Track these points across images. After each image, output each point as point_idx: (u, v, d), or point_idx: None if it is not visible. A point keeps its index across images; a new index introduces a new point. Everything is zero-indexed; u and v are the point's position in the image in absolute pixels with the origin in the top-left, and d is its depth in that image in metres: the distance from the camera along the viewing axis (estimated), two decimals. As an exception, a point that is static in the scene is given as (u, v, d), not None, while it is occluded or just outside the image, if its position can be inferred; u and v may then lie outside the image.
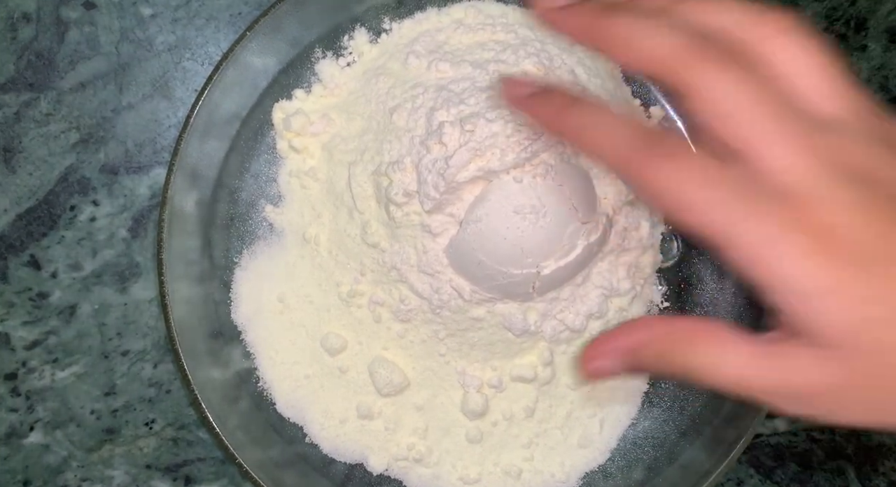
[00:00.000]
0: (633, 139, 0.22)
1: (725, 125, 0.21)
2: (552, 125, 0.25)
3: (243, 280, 0.36)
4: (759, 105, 0.21)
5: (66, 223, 0.39)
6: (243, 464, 0.33)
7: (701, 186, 0.21)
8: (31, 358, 0.39)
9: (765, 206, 0.20)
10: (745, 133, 0.21)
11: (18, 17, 0.39)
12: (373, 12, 0.37)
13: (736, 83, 0.21)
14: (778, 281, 0.20)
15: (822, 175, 0.20)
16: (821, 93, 0.21)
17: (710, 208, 0.20)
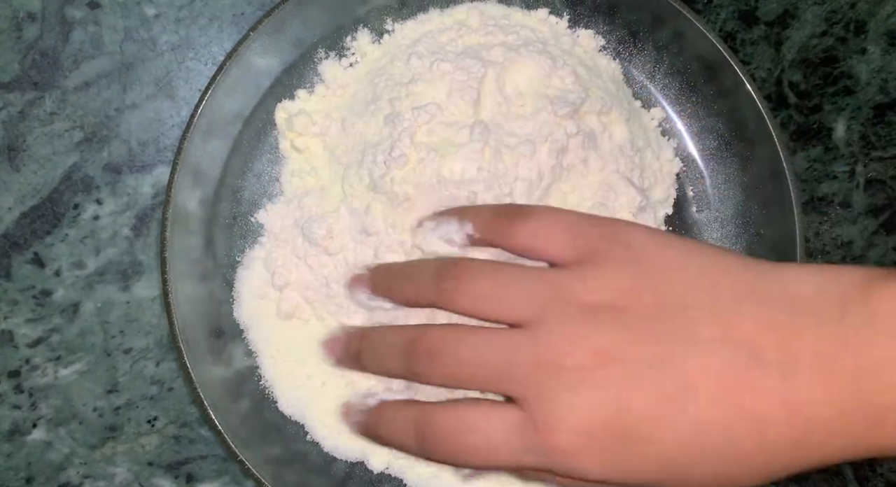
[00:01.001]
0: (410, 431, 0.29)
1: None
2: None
3: (245, 278, 0.36)
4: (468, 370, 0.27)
5: (70, 221, 0.39)
6: (245, 462, 0.33)
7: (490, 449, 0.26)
8: (34, 356, 0.39)
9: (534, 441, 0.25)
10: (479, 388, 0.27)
11: (23, 17, 0.39)
12: (375, 13, 0.37)
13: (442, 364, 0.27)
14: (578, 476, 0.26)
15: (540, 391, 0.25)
16: (509, 309, 0.26)
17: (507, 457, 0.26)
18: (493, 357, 0.26)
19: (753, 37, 0.42)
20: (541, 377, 0.25)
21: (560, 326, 0.25)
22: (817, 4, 0.42)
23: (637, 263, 0.26)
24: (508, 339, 0.26)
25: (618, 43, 0.38)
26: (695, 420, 0.24)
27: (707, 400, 0.24)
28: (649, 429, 0.24)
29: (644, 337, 0.24)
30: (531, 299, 0.26)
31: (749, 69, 0.41)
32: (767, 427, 0.23)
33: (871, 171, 0.42)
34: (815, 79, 0.42)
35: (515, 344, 0.26)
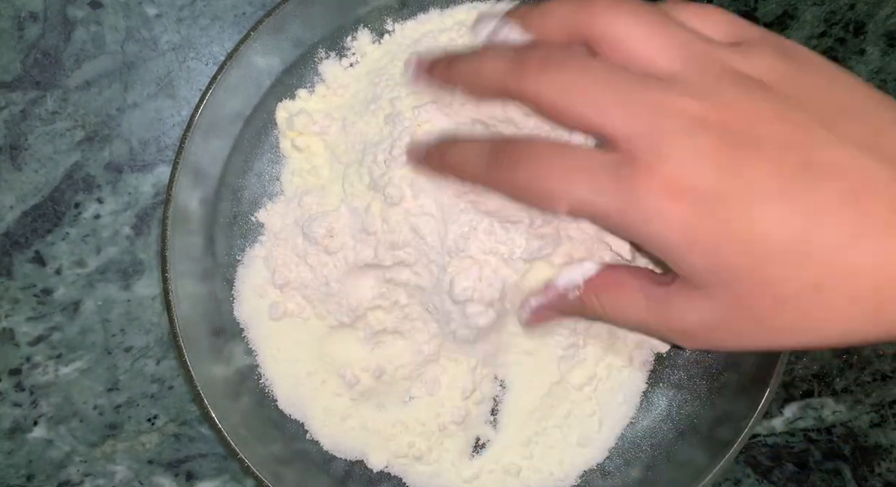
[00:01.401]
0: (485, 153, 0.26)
1: (569, 119, 0.24)
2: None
3: (245, 277, 0.37)
4: (587, 92, 0.23)
5: (71, 220, 0.39)
6: (245, 460, 0.33)
7: (573, 179, 0.23)
8: (35, 354, 0.39)
9: (616, 178, 0.22)
10: (582, 119, 0.23)
11: (25, 16, 0.39)
12: (376, 13, 0.37)
13: (556, 79, 0.24)
14: (647, 239, 0.23)
15: (657, 133, 0.22)
16: (652, 52, 0.23)
17: (587, 196, 0.23)
18: (619, 84, 0.23)
19: (753, 38, 0.42)
20: (661, 116, 0.22)
21: (703, 81, 0.22)
22: (816, 5, 0.42)
23: (797, 58, 0.23)
24: (642, 77, 0.23)
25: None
26: (809, 211, 0.21)
27: (833, 194, 0.21)
28: (754, 201, 0.21)
29: (785, 116, 0.22)
30: (680, 51, 0.23)
31: (748, 70, 0.41)
32: (884, 242, 0.20)
33: (870, 172, 0.42)
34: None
35: (648, 82, 0.23)
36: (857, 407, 0.42)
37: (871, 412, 0.42)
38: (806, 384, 0.42)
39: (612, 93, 0.23)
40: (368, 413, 0.36)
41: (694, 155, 0.22)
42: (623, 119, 0.23)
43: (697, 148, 0.22)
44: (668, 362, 0.38)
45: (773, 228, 0.21)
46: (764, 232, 0.21)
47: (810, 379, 0.42)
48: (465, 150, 0.27)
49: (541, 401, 0.36)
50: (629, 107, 0.23)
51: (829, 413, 0.42)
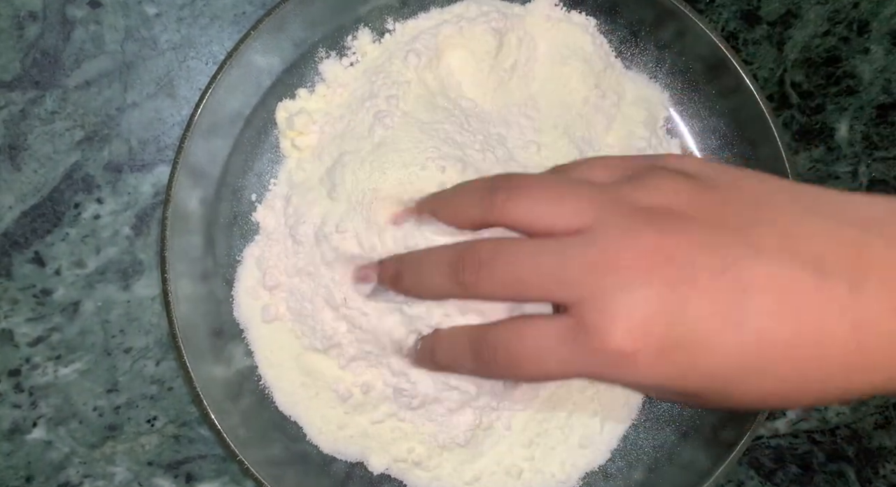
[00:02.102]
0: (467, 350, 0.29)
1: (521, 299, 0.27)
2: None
3: (241, 277, 0.36)
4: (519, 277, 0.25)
5: (71, 220, 0.39)
6: (244, 462, 0.33)
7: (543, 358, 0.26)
8: (34, 355, 0.39)
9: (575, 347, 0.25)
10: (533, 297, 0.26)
11: (25, 16, 0.39)
12: (376, 13, 0.37)
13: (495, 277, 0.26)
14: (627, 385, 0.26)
15: (598, 295, 0.24)
16: (563, 219, 0.26)
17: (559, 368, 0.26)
18: (546, 260, 0.25)
19: (756, 36, 0.42)
20: (595, 277, 0.24)
21: (617, 227, 0.24)
22: (820, 4, 0.42)
23: (697, 176, 0.25)
24: (562, 244, 0.25)
25: (619, 42, 0.38)
26: (755, 331, 0.23)
27: (769, 311, 0.23)
28: (706, 336, 0.23)
29: (704, 242, 0.23)
30: (588, 205, 0.25)
31: (751, 69, 0.41)
32: (830, 345, 0.22)
33: (874, 172, 0.42)
34: (817, 79, 0.42)
35: (569, 247, 0.25)
36: (861, 409, 0.42)
37: (876, 413, 0.42)
38: (809, 385, 0.42)
39: (544, 271, 0.25)
40: (366, 421, 0.36)
41: (639, 306, 0.23)
42: (563, 291, 0.25)
43: (639, 299, 0.23)
44: (671, 363, 0.38)
45: (728, 357, 0.23)
46: (721, 361, 0.23)
47: (814, 381, 0.42)
48: (450, 350, 0.30)
49: (543, 403, 0.36)
50: (562, 279, 0.25)
51: (833, 414, 0.42)
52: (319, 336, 0.34)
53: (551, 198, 0.26)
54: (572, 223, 0.25)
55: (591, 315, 0.24)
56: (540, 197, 0.26)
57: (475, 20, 0.36)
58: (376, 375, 0.35)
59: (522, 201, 0.26)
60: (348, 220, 0.33)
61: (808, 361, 0.23)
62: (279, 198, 0.37)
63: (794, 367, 0.23)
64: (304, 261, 0.34)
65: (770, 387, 0.23)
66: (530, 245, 0.26)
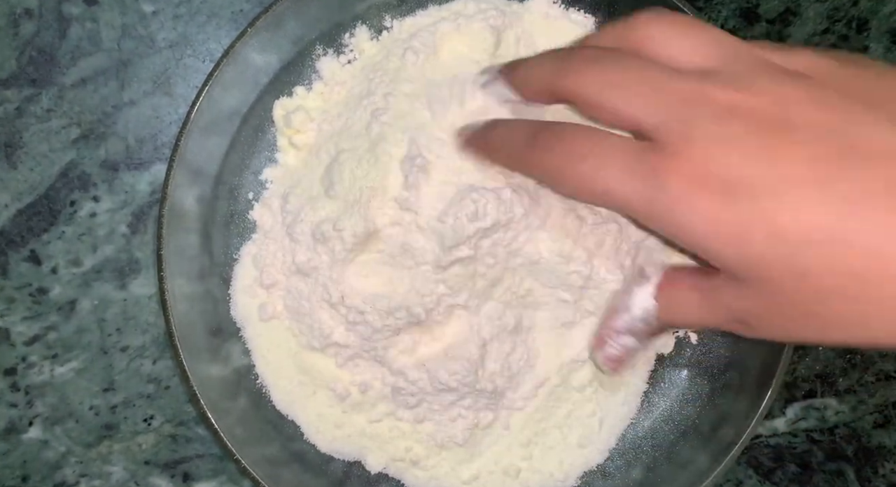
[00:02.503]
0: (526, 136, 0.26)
1: (604, 113, 0.24)
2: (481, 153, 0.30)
3: (238, 276, 0.36)
4: (622, 86, 0.23)
5: (67, 218, 0.39)
6: (241, 461, 0.33)
7: (602, 165, 0.23)
8: (30, 354, 0.39)
9: (644, 165, 0.22)
10: (621, 112, 0.23)
11: (20, 13, 0.39)
12: (374, 10, 0.37)
13: (594, 78, 0.24)
14: (674, 230, 0.22)
15: (686, 120, 0.22)
16: (688, 52, 0.23)
17: (614, 183, 0.23)
18: (655, 76, 0.23)
19: (755, 34, 0.42)
20: (690, 103, 0.22)
21: (738, 70, 0.22)
22: (819, 2, 0.42)
23: (837, 56, 0.23)
24: (674, 70, 0.23)
25: (618, 40, 0.38)
26: (843, 198, 0.20)
27: (870, 180, 0.20)
28: (790, 193, 0.20)
29: (827, 102, 0.21)
30: (713, 46, 0.23)
31: (750, 67, 0.41)
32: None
33: (873, 170, 0.42)
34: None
35: (681, 73, 0.22)
36: (860, 408, 0.42)
37: (875, 412, 0.42)
38: (808, 384, 0.42)
39: (646, 86, 0.23)
40: (363, 420, 0.36)
41: (722, 141, 0.21)
42: (654, 109, 0.22)
43: (726, 134, 0.21)
44: (669, 362, 0.38)
45: (808, 217, 0.20)
46: (798, 221, 0.20)
47: (813, 380, 0.42)
48: (506, 132, 0.27)
49: (541, 402, 0.36)
50: (660, 98, 0.22)
51: (832, 413, 0.42)
52: (317, 334, 0.34)
53: (684, 31, 0.24)
54: (695, 58, 0.23)
55: (672, 138, 0.22)
56: (675, 27, 0.24)
57: (473, 17, 0.36)
58: (374, 374, 0.35)
59: (660, 28, 0.24)
60: (346, 219, 0.33)
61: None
62: (276, 197, 0.36)
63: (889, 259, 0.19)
64: (302, 260, 0.34)
65: (854, 272, 0.20)
66: (642, 61, 0.23)
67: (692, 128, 0.21)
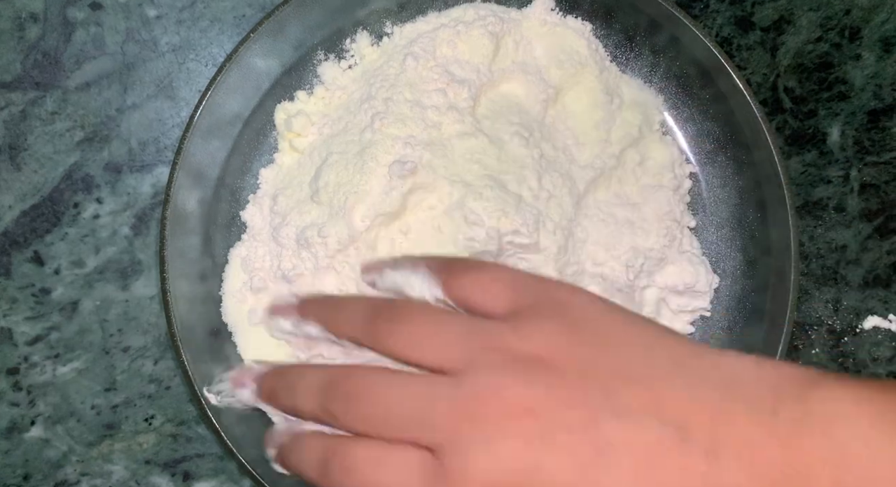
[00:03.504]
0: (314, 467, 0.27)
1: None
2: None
3: (228, 278, 0.36)
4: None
5: (70, 220, 0.39)
6: (242, 460, 0.34)
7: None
8: (32, 354, 0.39)
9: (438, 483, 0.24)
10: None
11: (26, 17, 0.40)
12: (375, 16, 0.38)
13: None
14: None
15: (457, 442, 0.24)
16: (437, 356, 0.25)
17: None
18: (413, 401, 0.25)
19: (749, 42, 0.42)
20: (457, 424, 0.24)
21: (485, 375, 0.24)
22: (812, 10, 0.42)
23: (575, 324, 0.25)
24: (431, 384, 0.25)
25: (615, 47, 0.39)
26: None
27: (627, 473, 0.22)
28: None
29: (569, 398, 0.23)
30: (461, 346, 0.25)
31: (745, 74, 0.42)
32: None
33: (866, 176, 0.42)
34: (810, 84, 0.42)
35: (437, 390, 0.25)
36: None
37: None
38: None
39: (410, 412, 0.25)
40: None
41: (493, 463, 0.23)
42: (428, 434, 0.24)
43: (500, 454, 0.23)
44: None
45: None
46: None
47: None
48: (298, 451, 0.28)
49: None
50: (428, 422, 0.24)
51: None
52: (302, 345, 0.34)
53: (427, 336, 0.26)
54: (445, 363, 0.25)
55: (452, 462, 0.24)
56: (414, 333, 0.26)
57: (472, 24, 0.36)
58: None
59: (399, 336, 0.26)
60: (330, 225, 0.33)
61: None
62: (268, 197, 0.36)
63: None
64: (287, 266, 0.34)
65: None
66: (401, 382, 0.26)
67: (470, 455, 0.23)
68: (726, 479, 0.22)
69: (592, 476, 0.23)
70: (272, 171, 0.37)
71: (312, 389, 0.27)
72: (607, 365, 0.24)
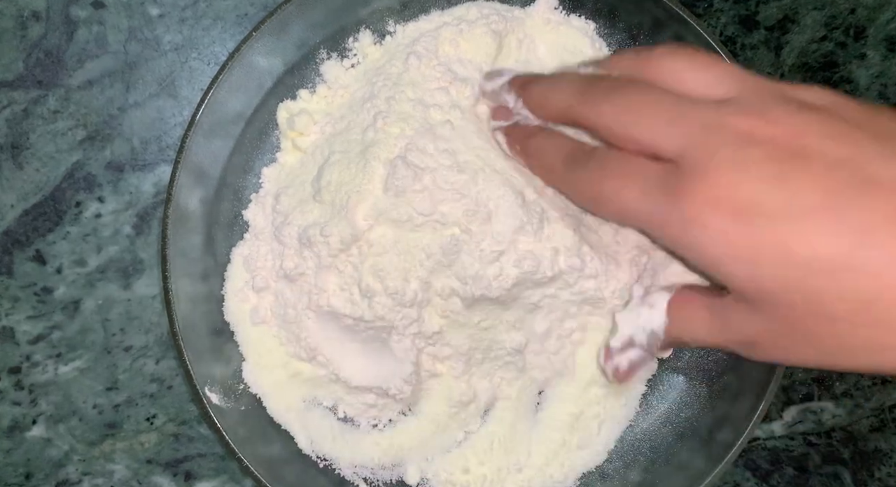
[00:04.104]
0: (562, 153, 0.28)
1: (624, 141, 0.25)
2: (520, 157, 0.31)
3: (230, 277, 0.36)
4: (642, 114, 0.24)
5: (72, 219, 0.39)
6: (243, 460, 0.33)
7: (625, 185, 0.25)
8: (34, 353, 0.39)
9: (663, 186, 0.23)
10: (641, 141, 0.24)
11: (28, 16, 0.40)
12: (377, 15, 0.37)
13: (618, 106, 0.25)
14: (688, 250, 0.23)
15: (704, 146, 0.23)
16: (706, 84, 0.24)
17: (635, 202, 0.24)
18: (674, 105, 0.24)
19: (753, 41, 0.42)
20: (708, 132, 0.22)
21: (751, 101, 0.23)
22: (817, 9, 0.42)
23: (847, 96, 0.24)
24: (693, 100, 0.24)
25: (618, 46, 0.38)
26: (859, 229, 0.20)
27: (880, 211, 0.20)
28: (797, 216, 0.21)
29: (840, 134, 0.21)
30: (731, 79, 0.24)
31: (749, 73, 0.41)
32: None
33: (871, 176, 0.42)
34: (814, 83, 0.42)
35: (699, 102, 0.23)
36: (856, 412, 0.42)
37: (871, 416, 0.42)
38: (805, 387, 0.42)
39: (665, 115, 0.24)
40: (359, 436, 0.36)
41: (739, 167, 0.22)
42: (673, 136, 0.23)
43: (743, 160, 0.22)
44: (668, 365, 0.38)
45: (819, 244, 0.21)
46: (809, 247, 0.21)
47: (810, 383, 0.42)
48: (545, 145, 0.29)
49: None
50: (680, 125, 0.23)
51: (829, 416, 0.42)
52: (304, 345, 0.34)
53: (703, 65, 0.25)
54: (716, 89, 0.24)
55: (691, 162, 0.22)
56: (694, 60, 0.25)
57: (475, 22, 0.36)
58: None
59: (678, 62, 0.25)
60: (333, 225, 0.32)
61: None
62: (270, 196, 0.36)
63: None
64: (289, 266, 0.34)
65: (862, 299, 0.20)
66: (661, 90, 0.25)
67: (711, 154, 0.22)
68: None
69: (846, 204, 0.21)
70: (275, 170, 0.37)
71: (573, 84, 0.27)
72: (883, 120, 0.22)
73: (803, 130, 0.22)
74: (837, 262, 0.20)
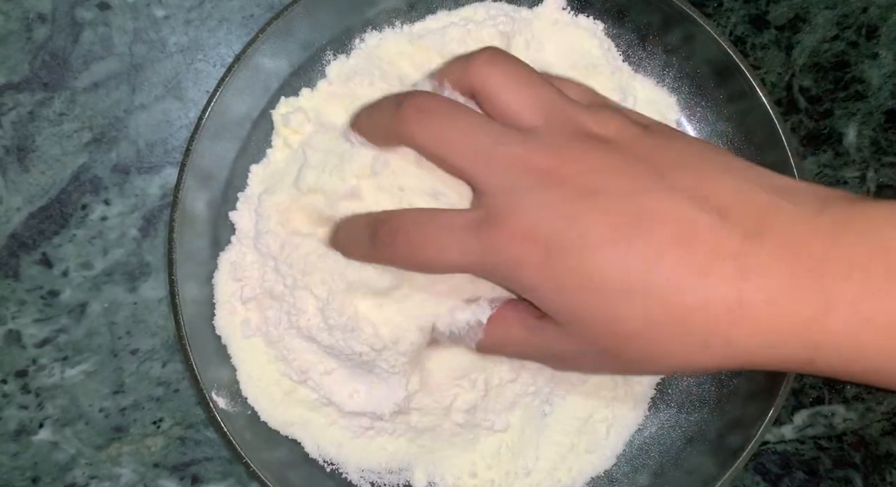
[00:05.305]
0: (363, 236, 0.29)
1: (442, 166, 0.28)
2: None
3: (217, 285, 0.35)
4: (452, 146, 0.27)
5: (78, 222, 0.39)
6: (250, 464, 0.33)
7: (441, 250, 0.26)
8: (41, 356, 0.39)
9: (478, 237, 0.25)
10: (454, 168, 0.27)
11: (34, 18, 0.39)
12: (384, 15, 0.37)
13: (428, 133, 0.27)
14: (513, 284, 0.26)
15: (511, 189, 0.25)
16: (517, 109, 0.27)
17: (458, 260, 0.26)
18: (484, 137, 0.26)
19: (764, 41, 0.42)
20: (515, 171, 0.25)
21: (555, 136, 0.26)
22: (829, 9, 0.42)
23: (640, 123, 0.27)
24: (501, 130, 0.26)
25: (627, 46, 0.38)
26: (642, 255, 0.23)
27: (657, 241, 0.23)
28: (593, 246, 0.24)
29: (621, 168, 0.25)
30: (541, 106, 0.26)
31: (759, 73, 0.41)
32: (714, 286, 0.23)
33: (882, 177, 0.41)
34: (826, 83, 0.42)
35: (506, 135, 0.26)
36: (868, 415, 0.42)
37: (883, 420, 0.42)
38: (816, 391, 0.42)
39: (472, 147, 0.26)
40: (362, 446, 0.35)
41: (539, 209, 0.25)
42: (484, 174, 0.26)
43: (541, 203, 0.25)
44: (677, 368, 0.37)
45: (610, 272, 0.24)
46: (602, 275, 0.24)
47: (821, 387, 0.42)
48: (348, 232, 0.30)
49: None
50: (486, 162, 0.26)
51: (840, 420, 0.42)
52: (294, 367, 0.33)
53: (517, 85, 0.27)
54: (525, 115, 0.26)
55: (500, 206, 0.25)
56: (508, 80, 0.27)
57: (483, 23, 0.36)
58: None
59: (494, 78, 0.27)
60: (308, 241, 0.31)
61: (689, 295, 0.23)
62: (256, 197, 0.35)
63: (672, 300, 0.23)
64: (271, 279, 0.33)
65: (650, 319, 0.24)
66: (473, 116, 0.27)
67: (516, 199, 0.25)
68: (757, 260, 0.23)
69: (623, 237, 0.24)
70: (262, 167, 0.36)
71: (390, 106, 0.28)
72: (665, 154, 0.26)
73: (594, 167, 0.25)
74: (628, 287, 0.24)
